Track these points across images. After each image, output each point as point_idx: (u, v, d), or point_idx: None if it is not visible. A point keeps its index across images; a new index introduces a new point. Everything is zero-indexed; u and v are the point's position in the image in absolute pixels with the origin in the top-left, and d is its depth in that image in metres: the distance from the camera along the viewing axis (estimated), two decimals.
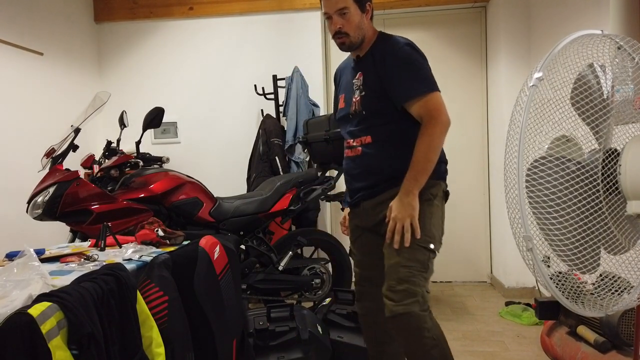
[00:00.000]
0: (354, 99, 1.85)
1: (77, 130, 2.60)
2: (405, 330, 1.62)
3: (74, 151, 2.61)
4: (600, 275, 1.35)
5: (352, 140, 1.88)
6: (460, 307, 3.44)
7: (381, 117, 1.79)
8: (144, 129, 2.82)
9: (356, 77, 1.85)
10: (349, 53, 1.94)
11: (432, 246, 1.69)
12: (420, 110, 1.73)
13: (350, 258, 1.97)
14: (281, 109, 3.82)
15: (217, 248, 1.72)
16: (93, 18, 4.15)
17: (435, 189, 1.79)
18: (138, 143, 2.95)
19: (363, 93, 1.81)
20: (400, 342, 1.69)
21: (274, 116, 3.82)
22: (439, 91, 1.75)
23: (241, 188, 3.91)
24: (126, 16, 4.14)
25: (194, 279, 1.55)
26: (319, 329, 2.33)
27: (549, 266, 1.33)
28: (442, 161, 1.85)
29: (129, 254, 1.67)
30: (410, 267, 1.64)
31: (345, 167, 1.95)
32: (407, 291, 1.61)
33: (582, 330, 2.13)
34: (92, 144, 3.96)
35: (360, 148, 1.84)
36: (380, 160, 1.80)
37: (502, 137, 3.60)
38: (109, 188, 2.72)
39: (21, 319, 0.95)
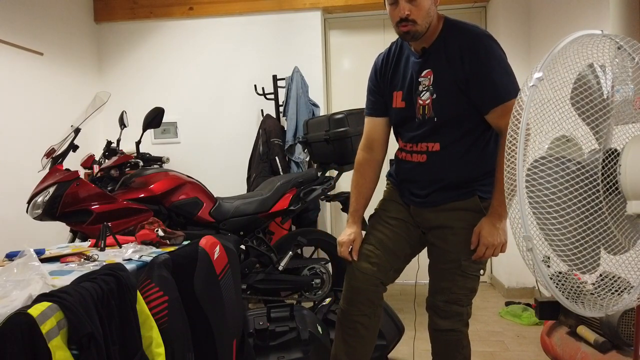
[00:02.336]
0: (420, 101, 1.61)
1: (77, 130, 2.60)
2: (446, 344, 1.74)
3: (74, 151, 2.61)
4: (600, 275, 1.35)
5: (414, 145, 1.67)
6: None
7: (454, 122, 1.59)
8: (144, 129, 2.82)
9: (423, 75, 1.60)
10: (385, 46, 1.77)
11: (482, 272, 1.70)
12: (503, 118, 1.50)
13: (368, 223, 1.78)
14: (281, 109, 3.82)
15: (217, 248, 1.72)
16: (93, 18, 4.15)
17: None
18: (138, 143, 2.95)
19: (434, 96, 1.58)
20: (434, 350, 1.78)
21: (274, 116, 3.82)
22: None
23: (241, 188, 3.91)
24: (126, 16, 4.14)
25: (194, 279, 1.54)
26: (319, 329, 2.33)
27: (549, 266, 1.33)
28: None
29: (129, 254, 1.67)
30: (460, 293, 1.68)
31: (403, 171, 1.74)
32: (455, 311, 1.69)
33: (582, 330, 2.13)
34: (92, 144, 3.96)
35: (425, 155, 1.64)
36: (447, 171, 1.63)
37: None
38: (109, 188, 2.72)
39: (21, 319, 0.95)
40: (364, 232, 1.83)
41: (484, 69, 1.52)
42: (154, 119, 2.78)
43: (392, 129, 1.82)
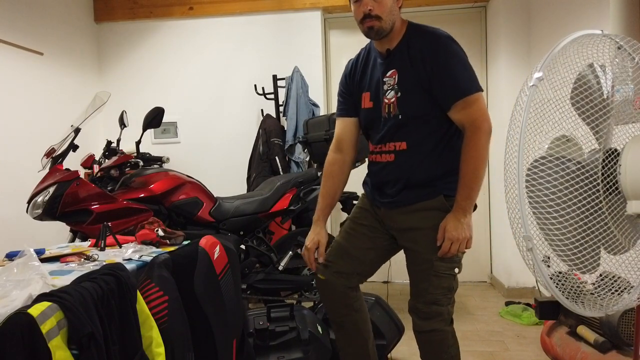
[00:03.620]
0: (386, 100, 1.67)
1: (77, 130, 2.60)
2: (429, 344, 1.73)
3: (74, 151, 2.61)
4: (600, 275, 1.35)
5: (382, 145, 1.72)
6: (460, 307, 3.44)
7: (418, 120, 1.64)
8: (144, 129, 2.82)
9: (388, 75, 1.67)
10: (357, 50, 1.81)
11: (457, 271, 1.70)
12: (466, 113, 1.59)
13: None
14: (281, 109, 3.82)
15: (217, 248, 1.72)
16: (93, 18, 4.15)
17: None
18: (138, 143, 2.95)
19: (399, 94, 1.64)
20: (422, 352, 1.78)
21: (274, 116, 3.82)
22: (483, 92, 1.64)
23: (241, 188, 3.91)
24: (126, 16, 4.14)
25: (194, 279, 1.55)
26: (319, 329, 2.33)
27: (549, 266, 1.33)
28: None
29: (129, 254, 1.67)
30: (436, 292, 1.68)
31: (373, 174, 1.79)
32: (434, 312, 1.68)
33: (582, 330, 2.13)
34: (92, 144, 3.96)
35: (393, 154, 1.70)
36: (415, 169, 1.67)
37: (502, 137, 3.59)
38: (109, 188, 2.72)
39: (21, 319, 0.95)
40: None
41: (445, 67, 1.58)
42: (154, 119, 2.78)
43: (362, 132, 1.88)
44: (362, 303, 1.86)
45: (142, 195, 2.66)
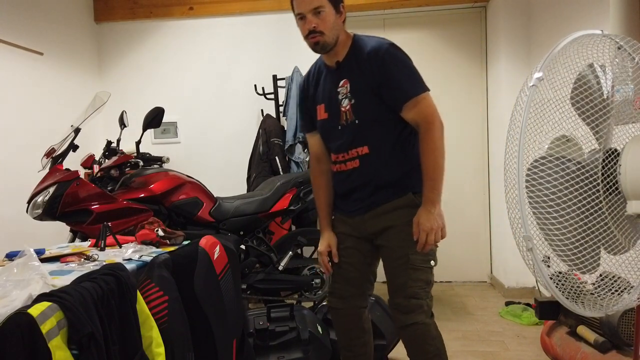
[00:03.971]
0: (342, 109, 1.77)
1: (77, 130, 2.60)
2: (412, 338, 1.77)
3: (74, 151, 2.61)
4: (600, 275, 1.35)
5: (345, 154, 1.80)
6: (460, 307, 3.44)
7: (375, 123, 1.74)
8: (144, 129, 2.82)
9: (340, 85, 1.77)
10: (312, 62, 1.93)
11: (432, 263, 1.78)
12: (417, 112, 1.69)
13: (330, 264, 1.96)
14: (281, 109, 3.82)
15: (217, 248, 1.72)
16: (93, 18, 4.15)
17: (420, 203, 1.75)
18: (138, 143, 2.95)
19: (353, 101, 1.74)
20: (407, 349, 1.82)
21: (274, 116, 3.82)
22: (429, 91, 1.74)
23: (241, 188, 3.91)
24: (126, 16, 4.14)
25: (194, 279, 1.55)
26: (319, 329, 2.33)
27: (549, 266, 1.33)
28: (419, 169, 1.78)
29: (129, 254, 1.67)
30: (415, 286, 1.74)
31: (340, 184, 1.87)
32: (415, 305, 1.74)
33: (582, 330, 2.13)
34: (92, 144, 3.96)
35: (357, 160, 1.78)
36: (380, 170, 1.76)
37: (502, 137, 3.60)
38: (109, 188, 2.72)
39: (21, 319, 0.95)
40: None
41: (391, 72, 1.69)
42: (154, 119, 2.78)
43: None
44: (370, 324, 1.98)
45: (142, 195, 2.66)
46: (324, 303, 2.65)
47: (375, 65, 1.69)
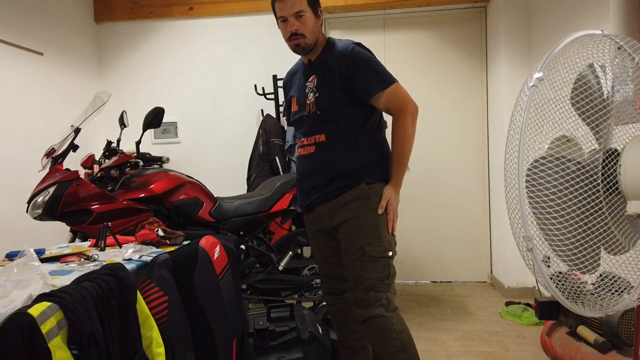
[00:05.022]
0: (307, 101, 1.90)
1: (77, 130, 2.59)
2: (373, 333, 1.79)
3: (74, 151, 2.61)
4: (600, 275, 1.35)
5: (305, 139, 1.93)
6: (460, 307, 3.45)
7: (334, 115, 1.85)
8: (144, 129, 2.82)
9: (309, 80, 1.91)
10: (297, 59, 2.03)
11: (390, 254, 1.82)
12: (388, 102, 1.81)
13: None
14: (281, 109, 3.82)
15: (217, 248, 1.72)
16: (93, 18, 4.15)
17: (381, 194, 1.84)
18: (138, 143, 2.95)
19: (317, 94, 1.87)
20: (372, 345, 1.85)
21: (274, 116, 3.82)
22: (398, 81, 1.84)
23: (241, 188, 3.91)
24: (126, 16, 4.14)
25: (194, 279, 1.54)
26: (319, 329, 2.33)
27: (549, 266, 1.33)
28: (387, 158, 1.90)
29: (129, 254, 1.67)
30: (372, 278, 1.79)
31: (299, 167, 1.99)
32: (372, 298, 1.78)
33: (582, 330, 2.13)
34: (92, 144, 3.96)
35: (313, 146, 1.89)
36: (333, 158, 1.85)
37: (502, 138, 3.60)
38: (109, 188, 2.72)
39: (21, 319, 0.95)
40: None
41: (359, 69, 1.82)
42: (154, 119, 2.78)
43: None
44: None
45: (142, 195, 2.66)
46: (324, 303, 2.65)
47: (345, 65, 1.82)
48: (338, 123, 1.86)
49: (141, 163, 2.83)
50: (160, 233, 1.89)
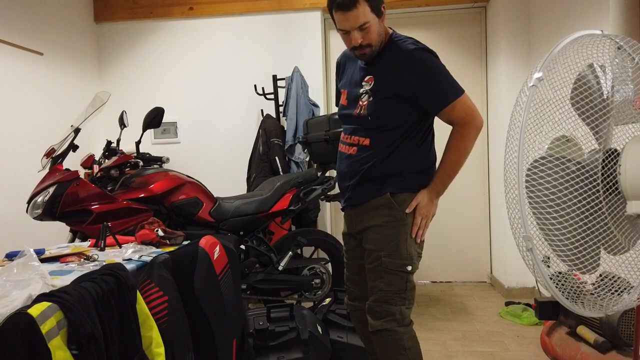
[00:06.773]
0: (360, 102, 1.78)
1: (77, 130, 2.59)
2: (383, 345, 1.75)
3: (74, 151, 2.61)
4: (600, 275, 1.35)
5: (349, 137, 1.85)
6: (460, 307, 3.44)
7: (384, 122, 1.75)
8: (144, 129, 2.82)
9: (365, 80, 1.78)
10: None
11: (409, 268, 1.75)
12: (454, 115, 1.73)
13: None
14: (281, 109, 3.82)
15: (217, 248, 1.72)
16: (93, 18, 4.15)
17: (407, 204, 1.76)
18: (138, 143, 2.95)
19: (372, 99, 1.75)
20: (379, 355, 1.80)
21: (274, 116, 3.82)
22: (464, 91, 1.76)
23: (241, 188, 3.91)
24: (126, 16, 4.13)
25: (194, 279, 1.55)
26: (319, 329, 2.33)
27: (549, 266, 1.33)
28: (428, 167, 1.83)
29: (129, 254, 1.67)
30: (387, 290, 1.74)
31: (339, 164, 1.92)
32: (386, 310, 1.73)
33: (582, 330, 2.13)
34: (92, 144, 3.96)
35: (355, 148, 1.81)
36: (371, 165, 1.77)
37: (501, 138, 3.60)
38: (109, 188, 2.72)
39: (21, 319, 0.95)
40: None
41: (426, 81, 1.69)
42: (154, 119, 2.78)
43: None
44: None
45: (142, 195, 2.66)
46: (324, 303, 2.65)
47: (408, 73, 1.69)
48: (386, 131, 1.75)
49: (141, 163, 2.83)
50: (160, 233, 1.89)
